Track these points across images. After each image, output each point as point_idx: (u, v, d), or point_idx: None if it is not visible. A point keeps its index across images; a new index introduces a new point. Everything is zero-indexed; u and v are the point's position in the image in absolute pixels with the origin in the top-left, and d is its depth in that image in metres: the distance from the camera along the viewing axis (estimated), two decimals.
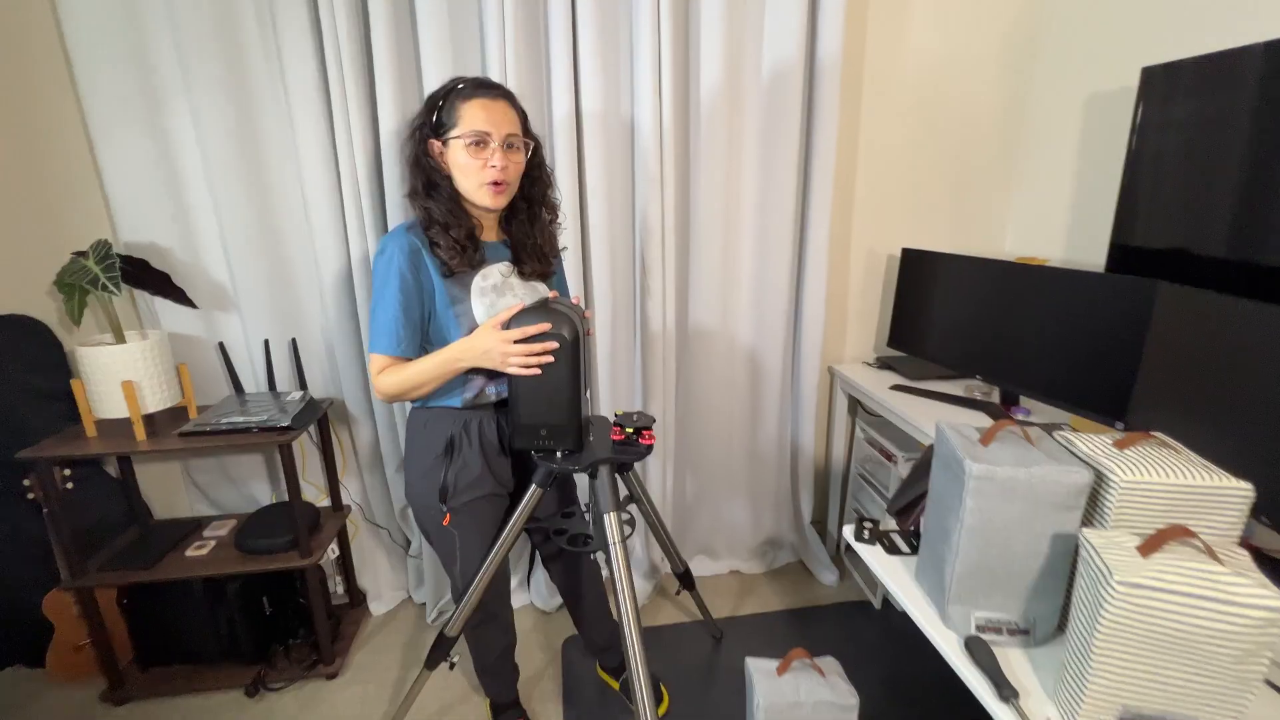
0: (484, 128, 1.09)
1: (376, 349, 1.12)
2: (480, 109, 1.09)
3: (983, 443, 0.91)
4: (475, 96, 1.10)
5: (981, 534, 0.86)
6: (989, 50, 1.88)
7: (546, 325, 1.05)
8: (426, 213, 1.13)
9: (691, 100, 1.71)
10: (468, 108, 1.09)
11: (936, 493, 0.97)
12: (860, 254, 2.04)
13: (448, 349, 1.11)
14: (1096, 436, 0.92)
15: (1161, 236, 1.38)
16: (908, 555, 1.12)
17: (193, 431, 1.49)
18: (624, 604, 1.11)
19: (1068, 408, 1.39)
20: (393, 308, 1.10)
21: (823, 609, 1.98)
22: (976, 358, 1.66)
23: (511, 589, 1.96)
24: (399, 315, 1.10)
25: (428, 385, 1.12)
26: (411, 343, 1.12)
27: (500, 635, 1.41)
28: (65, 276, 1.42)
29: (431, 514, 1.21)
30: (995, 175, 2.00)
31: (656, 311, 1.77)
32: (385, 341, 1.10)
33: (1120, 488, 0.81)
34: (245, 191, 1.59)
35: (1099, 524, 0.84)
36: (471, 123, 1.09)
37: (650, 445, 1.13)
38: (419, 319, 1.12)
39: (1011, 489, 0.83)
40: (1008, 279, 1.56)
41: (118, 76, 1.49)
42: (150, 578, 1.55)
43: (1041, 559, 0.85)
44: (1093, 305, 1.32)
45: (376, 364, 1.12)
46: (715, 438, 2.00)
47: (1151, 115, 1.36)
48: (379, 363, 1.12)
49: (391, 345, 1.11)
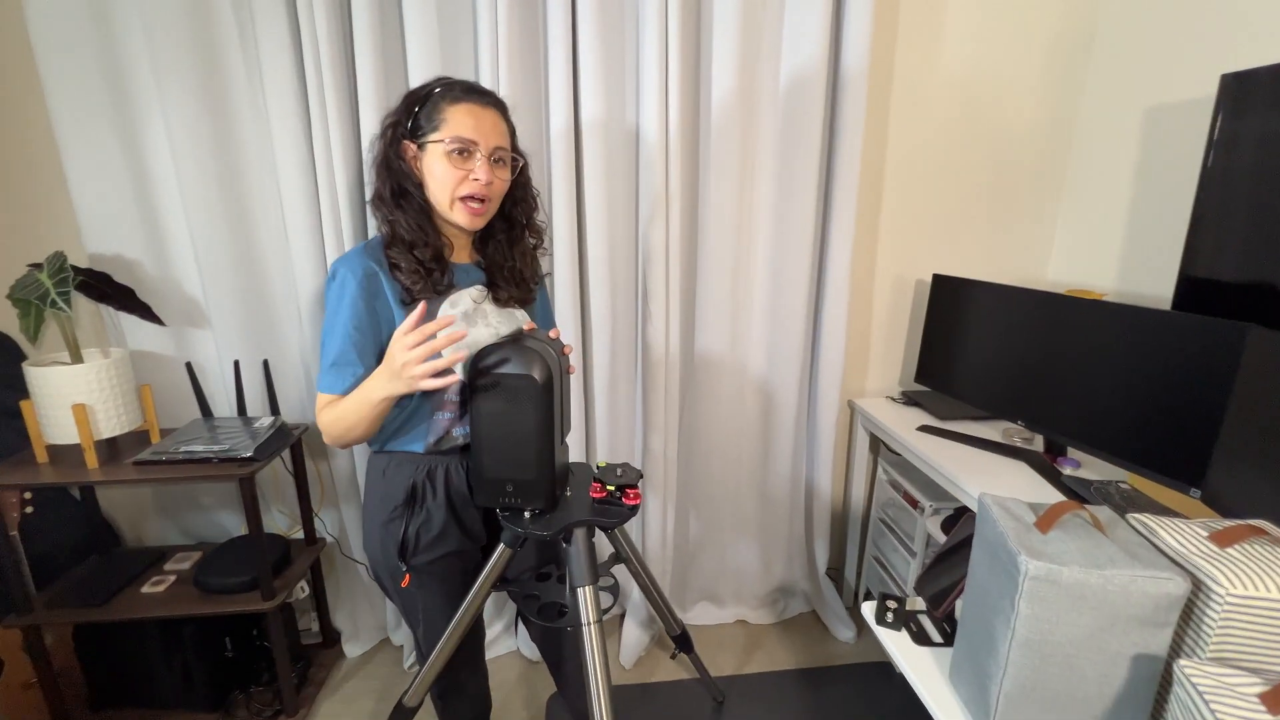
0: (470, 136, 0.96)
1: (323, 388, 0.97)
2: (468, 115, 0.96)
3: (1040, 528, 0.73)
4: (464, 101, 0.97)
5: (1038, 649, 0.68)
6: (1034, 56, 1.70)
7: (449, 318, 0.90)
8: (391, 225, 0.99)
9: (701, 109, 1.57)
10: (454, 112, 0.96)
11: (978, 582, 0.79)
12: (886, 279, 1.86)
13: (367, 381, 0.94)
14: (1184, 524, 0.74)
15: (1242, 269, 1.18)
16: (940, 646, 0.94)
17: (149, 460, 1.37)
18: (596, 696, 0.95)
19: (1129, 465, 1.20)
20: (340, 343, 0.95)
21: (837, 670, 1.79)
22: (1016, 400, 1.47)
23: (495, 635, 1.82)
24: (347, 351, 0.96)
25: (359, 425, 0.95)
26: (361, 381, 0.96)
27: (470, 705, 1.25)
28: (18, 290, 1.32)
29: (391, 573, 1.06)
30: (1038, 196, 1.81)
31: (659, 337, 1.62)
32: (329, 379, 0.96)
33: (1225, 603, 0.63)
34: (219, 203, 1.48)
35: (1192, 648, 0.66)
36: (457, 128, 0.95)
37: (635, 506, 0.97)
38: (372, 355, 0.97)
39: (1080, 596, 0.66)
40: (1056, 313, 1.38)
41: (86, 81, 1.40)
42: (101, 617, 1.43)
43: (1117, 685, 0.67)
44: (1164, 349, 1.13)
45: (320, 402, 0.98)
46: (722, 475, 1.83)
47: (1232, 129, 1.17)
48: (322, 400, 0.97)
49: (335, 384, 0.96)
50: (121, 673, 1.55)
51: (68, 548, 1.60)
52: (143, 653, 1.52)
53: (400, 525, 1.03)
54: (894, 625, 0.97)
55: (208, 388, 1.62)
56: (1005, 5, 1.66)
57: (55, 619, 1.43)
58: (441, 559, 1.05)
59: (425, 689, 1.14)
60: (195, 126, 1.42)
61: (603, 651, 0.95)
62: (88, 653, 1.54)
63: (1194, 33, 1.43)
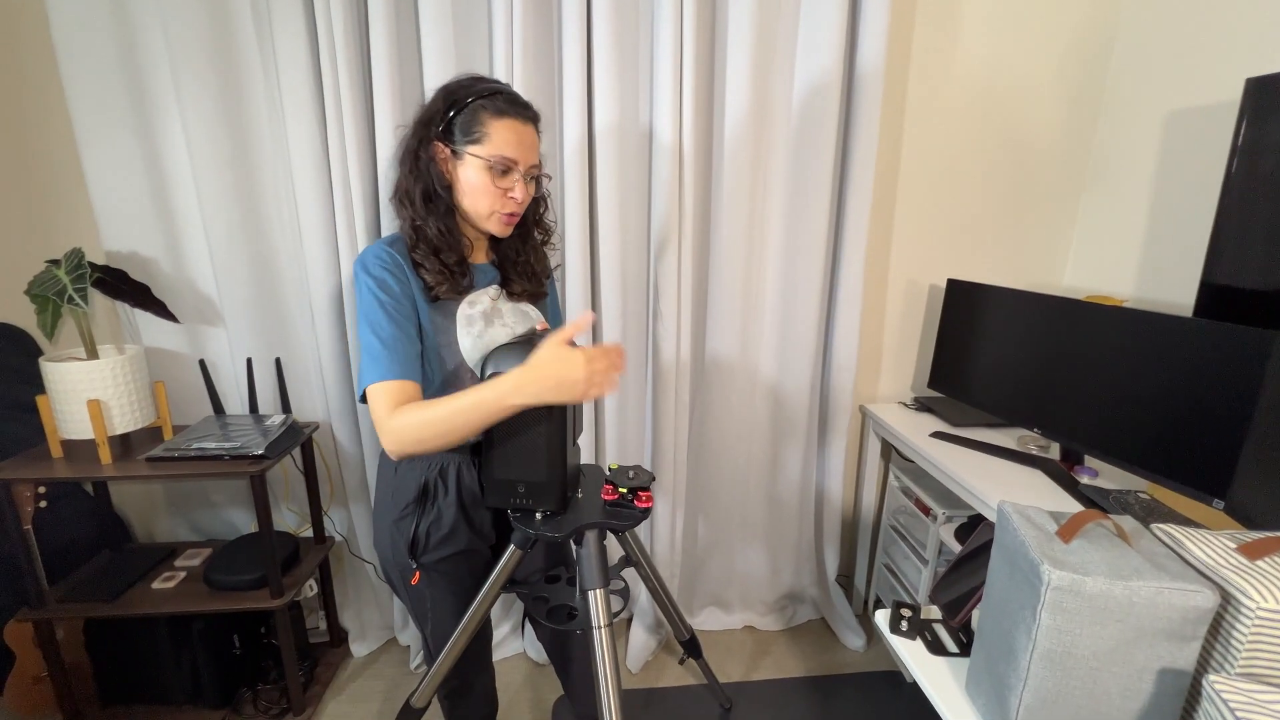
0: (513, 155, 0.94)
1: (377, 377, 0.87)
2: (511, 132, 0.94)
3: (1062, 537, 0.72)
4: (508, 115, 0.94)
5: (1060, 662, 0.67)
6: (1052, 60, 1.68)
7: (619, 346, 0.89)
8: (417, 229, 0.97)
9: (716, 113, 1.56)
10: (498, 127, 0.93)
11: (997, 591, 0.78)
12: (899, 283, 1.84)
13: (493, 384, 0.85)
14: (1211, 536, 0.72)
15: (1266, 277, 1.16)
16: (956, 656, 0.92)
17: (161, 457, 1.38)
18: (606, 700, 0.94)
19: (1150, 475, 1.18)
20: (389, 327, 0.90)
21: (847, 678, 1.77)
22: (1032, 407, 1.45)
23: (502, 637, 1.81)
24: (397, 335, 0.90)
25: (461, 431, 0.85)
26: (415, 368, 0.92)
27: (478, 707, 1.24)
28: (35, 287, 1.33)
29: (400, 570, 1.06)
30: (1055, 201, 1.79)
31: (669, 338, 1.61)
32: (385, 366, 0.87)
33: (1256, 617, 0.61)
34: (235, 202, 1.49)
35: (1220, 662, 0.64)
36: (500, 146, 0.93)
37: (647, 509, 0.96)
38: (418, 342, 0.94)
39: (1104, 607, 0.64)
40: (1074, 319, 1.35)
41: (105, 80, 1.41)
42: (111, 612, 1.44)
43: (1143, 700, 0.65)
44: (1187, 356, 1.11)
45: (383, 399, 0.87)
46: (731, 479, 1.82)
47: (1257, 134, 1.15)
48: (387, 396, 0.87)
49: (392, 369, 0.88)
50: (131, 668, 1.55)
51: (80, 543, 1.61)
52: (152, 649, 1.52)
53: (411, 523, 1.02)
54: (908, 634, 0.96)
55: (220, 385, 1.63)
56: (1024, 8, 1.64)
57: (67, 613, 1.43)
58: (451, 557, 1.05)
59: (433, 689, 1.13)
60: (212, 125, 1.43)
61: (613, 655, 0.94)
62: (98, 648, 1.55)
63: (1217, 36, 1.41)
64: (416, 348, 0.93)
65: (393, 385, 0.88)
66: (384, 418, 0.87)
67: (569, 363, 0.83)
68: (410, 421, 0.86)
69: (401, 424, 0.86)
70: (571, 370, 0.83)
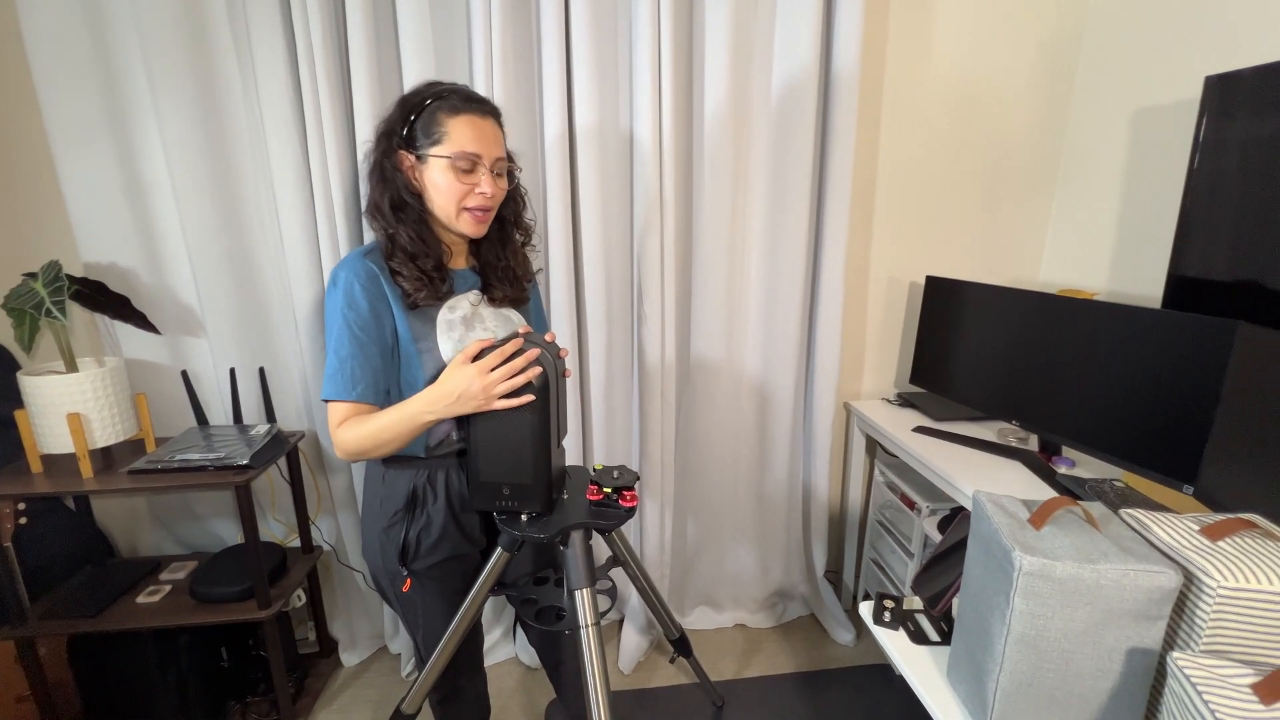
0: (474, 149, 0.96)
1: (331, 394, 0.95)
2: (470, 127, 0.96)
3: (1034, 524, 0.74)
4: (465, 112, 0.96)
5: (1034, 645, 0.69)
6: (1023, 60, 1.72)
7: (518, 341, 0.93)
8: (390, 238, 0.99)
9: (695, 114, 1.58)
10: (455, 124, 0.95)
11: (974, 580, 0.80)
12: (879, 281, 1.87)
13: (411, 402, 0.94)
14: (1177, 519, 0.75)
15: (1228, 268, 1.20)
16: (938, 645, 0.94)
17: (144, 469, 1.36)
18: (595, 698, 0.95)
19: (1123, 464, 1.21)
20: (347, 346, 0.95)
21: (837, 673, 1.78)
22: (1011, 400, 1.48)
23: (493, 642, 1.81)
24: (356, 354, 0.95)
25: (392, 444, 0.95)
26: (372, 386, 0.97)
27: (470, 710, 1.25)
28: (12, 300, 1.31)
29: (391, 578, 1.06)
30: (1029, 198, 1.83)
31: (654, 340, 1.62)
32: (340, 385, 0.94)
33: (1217, 595, 0.63)
34: (215, 212, 1.48)
35: (1185, 640, 0.67)
36: (460, 143, 0.95)
37: (632, 508, 0.97)
38: (379, 359, 0.97)
39: (1074, 590, 0.66)
40: (1049, 313, 1.39)
41: (81, 90, 1.40)
42: (95, 628, 1.42)
43: (1113, 679, 0.67)
44: (1156, 347, 1.14)
45: (335, 414, 0.96)
46: (719, 479, 1.83)
47: (1217, 130, 1.19)
48: (338, 412, 0.95)
49: (346, 389, 0.95)
50: (116, 685, 1.53)
51: (61, 559, 1.58)
52: (137, 664, 1.50)
53: (401, 530, 1.03)
54: (891, 625, 0.97)
55: (203, 396, 1.61)
56: (994, 9, 1.68)
57: (50, 630, 1.41)
58: (442, 563, 1.05)
59: (424, 695, 1.13)
60: (190, 135, 1.42)
61: (601, 654, 0.94)
62: (82, 665, 1.53)
63: (1179, 35, 1.45)
64: (374, 363, 0.97)
65: (341, 405, 0.96)
66: (333, 430, 0.96)
67: (463, 376, 0.91)
68: (351, 436, 0.95)
69: (344, 438, 0.95)
70: (467, 384, 0.91)
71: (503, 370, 0.91)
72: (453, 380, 0.92)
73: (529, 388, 0.90)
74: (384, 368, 0.98)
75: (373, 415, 0.95)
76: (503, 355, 0.92)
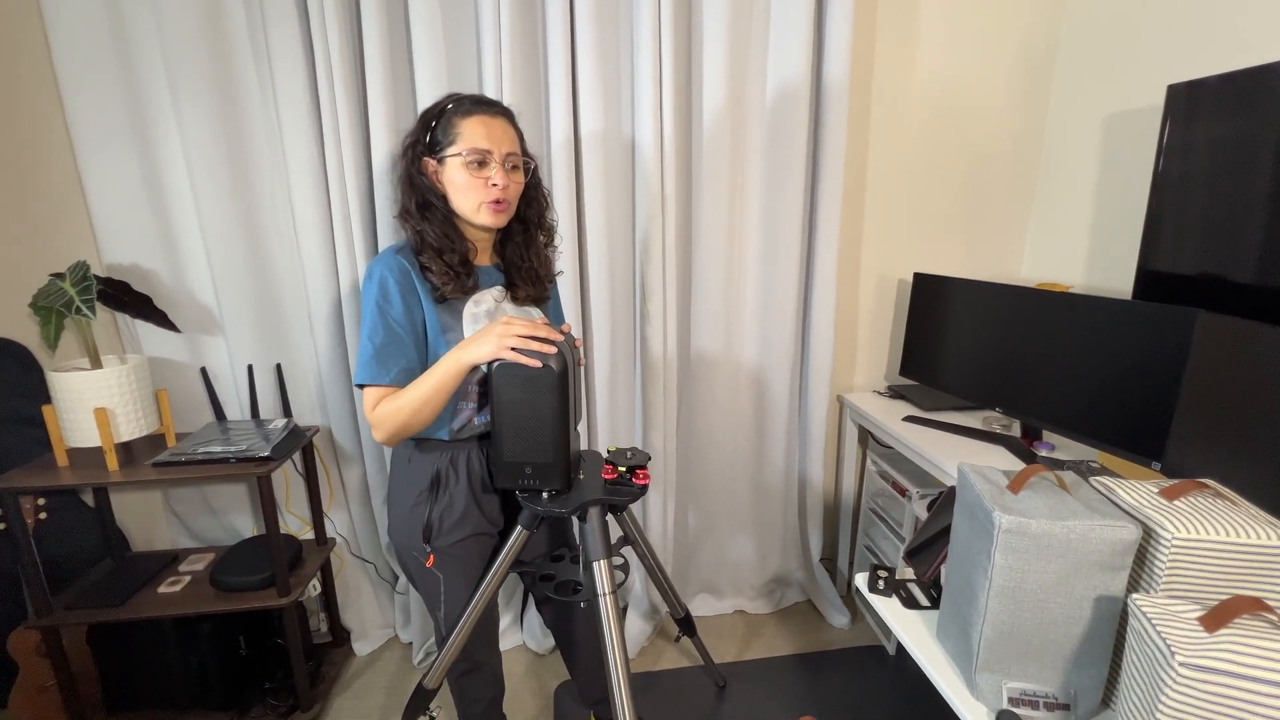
0: (484, 145, 1.03)
1: (366, 379, 1.01)
2: (480, 125, 1.04)
3: (1012, 489, 0.82)
4: (474, 113, 1.05)
5: (1013, 595, 0.76)
6: (1002, 69, 1.82)
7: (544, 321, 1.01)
8: (419, 235, 1.07)
9: (694, 121, 1.66)
10: (466, 125, 1.04)
11: (960, 544, 0.88)
12: (870, 279, 1.96)
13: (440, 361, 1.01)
14: (1139, 484, 0.83)
15: (1193, 262, 1.29)
16: (928, 609, 1.02)
17: (167, 461, 1.42)
18: (613, 662, 1.01)
19: (1097, 444, 1.30)
20: (382, 334, 1.02)
21: (833, 654, 1.86)
22: (994, 389, 1.57)
23: (503, 629, 1.86)
24: (389, 342, 1.02)
25: (429, 403, 1.00)
26: (405, 371, 1.03)
27: (487, 686, 1.31)
28: (41, 299, 1.37)
29: (415, 555, 1.12)
30: (1010, 198, 1.93)
31: (657, 337, 1.70)
32: (375, 370, 1.01)
33: (1172, 546, 0.71)
34: (233, 214, 1.54)
35: (1146, 587, 0.75)
36: (471, 140, 1.03)
37: (645, 485, 1.04)
38: (411, 346, 1.04)
39: (1047, 545, 0.74)
40: (1028, 306, 1.48)
41: (105, 96, 1.46)
42: (118, 616, 1.46)
43: (1083, 625, 0.75)
44: (1124, 335, 1.23)
45: (370, 398, 1.02)
46: (719, 470, 1.91)
47: (1179, 135, 1.29)
48: (373, 396, 1.01)
49: (381, 373, 1.01)
50: (137, 674, 1.58)
51: (80, 554, 1.63)
52: (158, 654, 1.55)
53: (425, 509, 1.09)
54: (885, 592, 1.05)
55: (221, 393, 1.67)
56: (973, 21, 1.78)
57: (74, 619, 1.46)
58: (462, 541, 1.12)
59: (444, 670, 1.19)
60: (209, 137, 1.48)
61: (619, 621, 1.01)
62: (103, 655, 1.57)
63: (1146, 45, 1.56)
64: (408, 350, 1.04)
65: (376, 390, 1.02)
66: (369, 413, 1.02)
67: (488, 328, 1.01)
68: (391, 408, 1.00)
69: (382, 415, 1.01)
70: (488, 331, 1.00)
71: (523, 327, 0.98)
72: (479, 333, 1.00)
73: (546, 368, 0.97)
74: (415, 355, 1.04)
75: (407, 388, 1.01)
76: (528, 324, 0.99)
